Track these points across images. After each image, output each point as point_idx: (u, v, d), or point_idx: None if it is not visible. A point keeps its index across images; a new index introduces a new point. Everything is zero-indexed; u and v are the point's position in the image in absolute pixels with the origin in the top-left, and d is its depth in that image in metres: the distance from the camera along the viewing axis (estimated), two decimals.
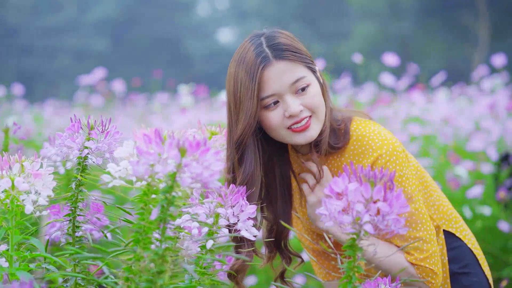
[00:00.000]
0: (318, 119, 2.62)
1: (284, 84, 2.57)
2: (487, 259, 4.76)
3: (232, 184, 2.27)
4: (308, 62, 2.63)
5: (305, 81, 2.59)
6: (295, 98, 2.58)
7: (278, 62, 2.57)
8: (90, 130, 2.27)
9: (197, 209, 2.23)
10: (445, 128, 6.02)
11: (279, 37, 2.63)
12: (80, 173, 2.26)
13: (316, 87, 2.62)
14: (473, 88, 7.78)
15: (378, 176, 1.99)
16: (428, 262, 2.61)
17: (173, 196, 1.92)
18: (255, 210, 2.25)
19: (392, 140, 2.63)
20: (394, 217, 1.95)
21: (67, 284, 2.25)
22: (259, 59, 2.57)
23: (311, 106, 2.59)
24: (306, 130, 2.60)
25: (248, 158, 2.64)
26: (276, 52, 2.58)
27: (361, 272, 2.02)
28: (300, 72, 2.59)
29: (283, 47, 2.59)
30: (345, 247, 1.99)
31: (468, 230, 2.89)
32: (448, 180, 5.07)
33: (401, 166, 2.61)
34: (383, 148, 2.60)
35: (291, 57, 2.58)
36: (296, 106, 2.57)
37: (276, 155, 2.82)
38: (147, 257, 1.92)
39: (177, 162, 1.88)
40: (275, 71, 2.57)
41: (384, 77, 6.54)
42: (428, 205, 2.80)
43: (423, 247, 2.61)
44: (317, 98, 2.61)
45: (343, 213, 1.96)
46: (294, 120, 2.58)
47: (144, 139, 1.92)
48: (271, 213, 2.83)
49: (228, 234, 2.22)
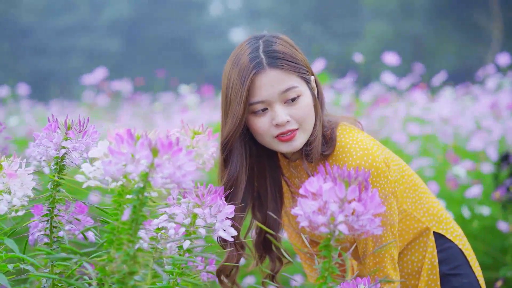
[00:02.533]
0: (304, 131, 2.61)
1: (274, 92, 2.56)
2: (486, 260, 4.76)
3: (210, 185, 2.26)
4: (303, 72, 2.61)
5: (296, 92, 2.57)
6: (284, 108, 2.57)
7: (271, 70, 2.56)
8: (67, 129, 2.26)
9: (174, 209, 2.22)
10: (445, 127, 5.99)
11: (276, 43, 2.61)
12: (57, 173, 2.25)
13: (307, 98, 2.60)
14: (477, 87, 7.74)
15: (353, 176, 1.97)
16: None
17: (145, 196, 1.91)
18: (233, 210, 2.24)
19: (372, 150, 2.60)
20: (369, 217, 1.94)
21: (44, 285, 2.24)
22: (253, 64, 2.56)
23: (299, 118, 2.58)
24: (291, 140, 2.60)
25: (234, 160, 2.65)
26: (271, 60, 2.56)
27: (336, 273, 2.01)
28: (292, 82, 2.57)
29: (278, 55, 2.57)
30: (321, 247, 1.98)
31: (460, 230, 2.87)
32: (447, 180, 5.05)
33: (379, 177, 2.58)
34: (362, 159, 2.58)
35: (285, 66, 2.57)
36: (284, 116, 2.56)
37: (266, 158, 2.81)
38: (118, 258, 1.91)
39: (148, 162, 1.87)
40: (266, 79, 2.55)
41: (385, 76, 6.51)
42: (417, 208, 2.78)
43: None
44: (306, 110, 2.59)
45: (318, 213, 1.95)
46: (280, 130, 2.58)
47: (116, 139, 1.91)
48: (261, 215, 2.82)
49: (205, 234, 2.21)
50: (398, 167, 2.76)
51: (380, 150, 2.65)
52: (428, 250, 2.77)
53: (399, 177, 2.72)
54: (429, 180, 5.15)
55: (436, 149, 5.79)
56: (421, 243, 2.78)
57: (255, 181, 2.81)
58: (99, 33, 32.34)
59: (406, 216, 2.76)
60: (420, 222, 2.77)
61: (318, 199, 1.96)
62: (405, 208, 2.75)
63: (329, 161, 2.65)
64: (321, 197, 1.95)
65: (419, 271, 2.78)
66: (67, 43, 31.58)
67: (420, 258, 2.78)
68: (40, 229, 2.31)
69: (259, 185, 2.82)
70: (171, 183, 1.88)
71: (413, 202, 2.77)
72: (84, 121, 2.28)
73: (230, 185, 2.62)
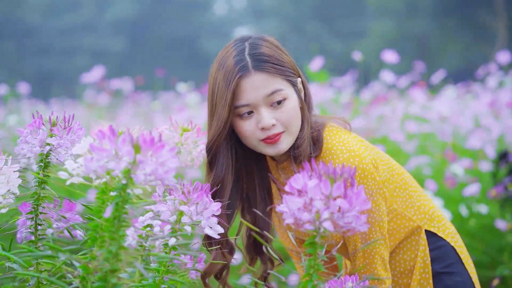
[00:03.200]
0: (290, 134, 2.59)
1: (260, 96, 2.53)
2: (483, 259, 4.73)
3: (197, 182, 2.24)
4: (289, 74, 2.58)
5: (282, 95, 2.55)
6: (270, 111, 2.55)
7: (256, 74, 2.53)
8: (52, 126, 2.24)
9: (160, 207, 2.20)
10: (444, 126, 5.96)
11: (262, 46, 2.59)
12: (42, 170, 2.23)
13: (293, 101, 2.58)
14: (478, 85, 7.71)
15: (339, 173, 1.95)
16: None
17: (127, 193, 1.89)
18: (220, 207, 2.22)
19: (359, 152, 2.57)
20: (355, 214, 1.92)
21: (29, 283, 2.23)
22: (238, 67, 2.54)
23: (285, 121, 2.56)
24: (276, 143, 2.57)
25: (219, 163, 2.63)
26: (256, 63, 2.54)
27: (322, 270, 1.99)
28: (277, 85, 2.55)
29: (263, 58, 2.55)
30: (306, 245, 1.96)
31: (452, 228, 2.85)
32: (445, 178, 5.02)
33: (365, 179, 2.56)
34: (349, 161, 2.55)
35: (270, 69, 2.54)
36: (269, 119, 2.53)
37: (254, 160, 2.79)
38: (100, 256, 1.89)
39: (130, 159, 1.85)
40: (252, 82, 2.53)
41: (384, 74, 6.49)
42: (408, 207, 2.76)
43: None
44: (292, 113, 2.57)
45: (303, 210, 1.93)
46: (266, 134, 2.56)
47: (97, 136, 1.89)
48: (251, 217, 2.80)
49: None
50: (387, 166, 2.73)
51: (367, 151, 2.63)
52: (420, 249, 2.75)
53: (388, 176, 2.70)
54: (427, 178, 5.13)
55: (434, 148, 5.76)
56: (413, 242, 2.76)
57: (244, 183, 2.80)
58: (103, 32, 32.36)
59: (396, 215, 2.73)
60: (411, 220, 2.75)
61: (304, 196, 1.94)
62: (396, 208, 2.73)
63: (316, 163, 2.63)
64: (306, 194, 1.93)
65: (412, 270, 2.76)
66: (71, 42, 31.61)
67: (412, 257, 2.76)
68: (25, 227, 2.29)
69: (248, 187, 2.80)
70: (154, 180, 1.87)
71: (403, 201, 2.75)
72: (69, 117, 2.26)
73: (216, 188, 2.60)
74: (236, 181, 2.74)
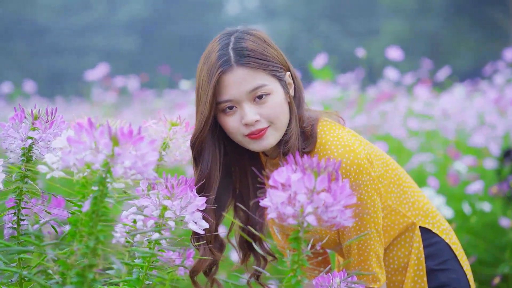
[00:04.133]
0: (276, 129, 2.53)
1: (242, 91, 2.48)
2: (486, 257, 4.68)
3: (181, 176, 2.20)
4: (273, 69, 2.52)
5: (265, 90, 2.49)
6: (253, 107, 2.49)
7: (239, 68, 2.48)
8: (34, 119, 2.20)
9: (143, 201, 2.16)
10: (448, 123, 5.89)
11: (247, 40, 2.53)
12: (25, 164, 2.20)
13: (278, 96, 2.52)
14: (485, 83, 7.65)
15: (323, 166, 1.91)
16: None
17: (106, 187, 1.86)
18: (204, 202, 2.18)
19: (354, 147, 2.53)
20: (339, 208, 1.88)
21: (12, 279, 2.20)
22: (220, 62, 2.48)
23: (269, 117, 2.50)
24: (261, 139, 2.52)
25: (204, 159, 2.58)
26: (238, 58, 2.48)
27: (306, 266, 1.95)
28: (260, 81, 2.49)
29: (246, 53, 2.49)
30: (290, 240, 1.93)
31: (446, 224, 2.80)
32: (448, 175, 4.96)
33: (361, 174, 2.52)
34: (344, 156, 2.50)
35: (253, 64, 2.48)
36: (252, 115, 2.48)
37: (247, 157, 2.74)
38: (78, 251, 1.85)
39: (108, 152, 1.81)
40: (234, 78, 2.48)
41: (388, 72, 6.43)
42: (402, 203, 2.71)
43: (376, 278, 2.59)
44: (277, 109, 2.51)
45: (286, 204, 1.89)
46: (250, 129, 2.50)
47: (75, 128, 1.86)
48: (245, 213, 2.76)
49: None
50: (382, 161, 2.69)
51: (362, 146, 2.58)
52: (414, 246, 2.70)
53: (382, 171, 2.65)
54: (430, 175, 5.07)
55: (438, 145, 5.69)
56: (407, 238, 2.71)
57: (236, 179, 2.75)
58: (115, 32, 32.40)
59: (391, 211, 2.69)
60: (406, 217, 2.70)
61: (287, 190, 1.90)
62: (390, 204, 2.68)
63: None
64: (290, 188, 1.90)
65: (405, 267, 2.72)
66: (83, 42, 31.66)
67: (406, 253, 2.71)
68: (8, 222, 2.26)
69: (241, 183, 2.76)
70: (133, 173, 1.83)
71: (397, 197, 2.70)
72: (52, 110, 2.23)
73: (202, 184, 2.55)
74: (226, 177, 2.69)
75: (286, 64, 2.59)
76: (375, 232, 2.56)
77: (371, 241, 2.57)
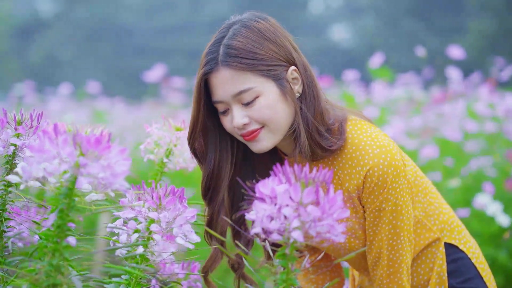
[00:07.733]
0: (271, 131, 2.31)
1: (227, 94, 2.29)
2: None
3: (172, 186, 2.05)
4: (265, 68, 2.30)
5: (252, 93, 2.28)
6: (241, 110, 2.30)
7: (224, 69, 2.28)
8: (16, 125, 2.07)
9: (128, 213, 2.01)
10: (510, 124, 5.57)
11: (239, 35, 2.32)
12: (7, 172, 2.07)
13: (269, 97, 2.29)
14: None
15: (311, 177, 1.74)
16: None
17: (73, 200, 1.71)
18: (195, 214, 2.02)
19: (389, 147, 2.31)
20: (329, 223, 1.70)
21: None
22: (206, 59, 2.31)
23: (258, 120, 2.29)
24: (255, 141, 2.32)
25: (208, 157, 2.40)
26: (224, 57, 2.29)
27: (296, 285, 1.77)
28: (245, 84, 2.28)
29: (232, 52, 2.29)
30: (278, 256, 1.75)
31: (473, 241, 2.57)
32: (506, 180, 4.66)
33: (398, 178, 2.31)
34: (380, 157, 2.29)
35: (238, 65, 2.27)
36: (240, 119, 2.29)
37: (268, 155, 2.54)
38: (41, 269, 1.71)
39: (72, 161, 1.67)
40: (218, 79, 2.30)
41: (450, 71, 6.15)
42: (428, 215, 2.48)
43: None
44: (267, 111, 2.29)
45: (271, 218, 1.72)
46: (241, 132, 2.31)
47: (40, 136, 1.72)
48: None
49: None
50: (411, 167, 2.48)
51: (396, 147, 2.37)
52: (437, 263, 2.47)
53: (412, 178, 2.44)
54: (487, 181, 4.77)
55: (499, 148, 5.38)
56: (429, 254, 2.49)
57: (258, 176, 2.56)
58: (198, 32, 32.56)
59: (416, 223, 2.46)
60: (432, 231, 2.47)
61: (273, 203, 1.73)
62: (416, 215, 2.46)
63: (341, 160, 2.37)
64: (276, 200, 1.73)
65: (425, 285, 2.49)
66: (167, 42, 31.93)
67: (427, 270, 2.49)
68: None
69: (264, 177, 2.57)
70: (100, 185, 1.68)
71: (423, 208, 2.48)
72: (37, 115, 2.10)
73: (209, 183, 2.39)
74: (252, 175, 2.48)
75: (290, 59, 2.37)
76: (407, 241, 2.36)
77: (403, 251, 2.37)
